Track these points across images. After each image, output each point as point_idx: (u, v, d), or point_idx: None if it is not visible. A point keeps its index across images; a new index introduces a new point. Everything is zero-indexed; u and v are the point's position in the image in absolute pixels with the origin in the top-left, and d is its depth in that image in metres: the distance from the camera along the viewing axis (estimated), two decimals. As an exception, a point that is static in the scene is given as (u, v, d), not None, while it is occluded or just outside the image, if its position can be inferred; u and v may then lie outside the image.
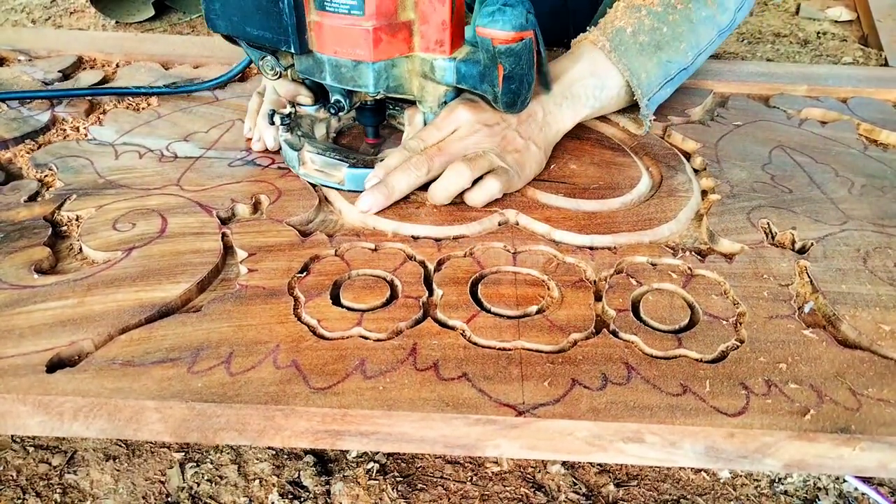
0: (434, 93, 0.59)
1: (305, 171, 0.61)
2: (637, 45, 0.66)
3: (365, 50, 0.53)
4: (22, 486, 0.76)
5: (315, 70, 0.57)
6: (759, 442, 0.40)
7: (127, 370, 0.43)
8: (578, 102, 0.66)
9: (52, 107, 0.75)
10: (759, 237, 0.56)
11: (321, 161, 0.61)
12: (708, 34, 0.70)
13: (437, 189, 0.57)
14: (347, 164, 0.59)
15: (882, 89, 0.84)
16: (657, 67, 0.67)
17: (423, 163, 0.57)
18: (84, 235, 0.55)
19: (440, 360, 0.44)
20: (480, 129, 0.59)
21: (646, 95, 0.67)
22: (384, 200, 0.56)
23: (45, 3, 2.07)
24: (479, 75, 0.55)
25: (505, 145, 0.60)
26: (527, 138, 0.61)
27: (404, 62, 0.56)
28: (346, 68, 0.55)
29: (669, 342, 0.46)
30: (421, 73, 0.57)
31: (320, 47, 0.55)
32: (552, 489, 0.77)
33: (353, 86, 0.56)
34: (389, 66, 0.55)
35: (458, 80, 0.56)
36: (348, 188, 0.59)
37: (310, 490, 0.76)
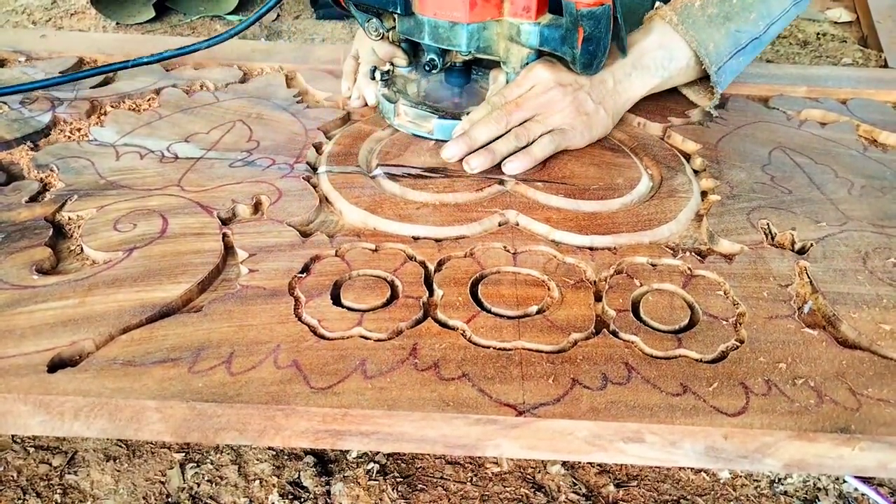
0: (518, 54, 0.66)
1: (399, 122, 0.70)
2: (705, 17, 0.69)
3: (461, 12, 0.60)
4: (22, 487, 0.76)
5: (415, 30, 0.65)
6: (759, 442, 0.40)
7: (128, 370, 0.43)
8: (647, 73, 0.70)
9: (53, 107, 0.75)
10: (759, 238, 0.57)
11: (413, 113, 0.69)
12: (780, 4, 0.72)
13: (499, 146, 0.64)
14: (437, 115, 0.68)
15: (881, 90, 0.84)
16: (726, 38, 0.70)
17: (503, 117, 0.64)
18: (85, 236, 0.55)
19: (440, 360, 0.44)
20: (555, 87, 0.65)
21: (715, 64, 0.70)
22: (466, 149, 0.63)
23: (46, 5, 2.07)
24: (560, 38, 0.61)
25: (577, 105, 0.66)
26: (597, 102, 0.67)
27: (494, 25, 0.63)
28: (444, 29, 0.62)
29: (669, 342, 0.46)
30: (507, 36, 0.64)
31: (422, 9, 0.63)
32: (552, 489, 0.77)
33: (448, 45, 0.63)
34: (481, 29, 0.63)
35: (540, 42, 0.63)
36: (436, 137, 0.68)
37: (310, 490, 0.76)
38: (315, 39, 1.75)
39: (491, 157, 0.63)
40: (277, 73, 0.86)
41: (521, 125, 0.65)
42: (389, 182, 0.62)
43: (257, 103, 0.78)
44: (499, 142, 0.64)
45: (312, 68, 0.86)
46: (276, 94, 0.80)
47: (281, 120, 0.74)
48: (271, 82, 0.83)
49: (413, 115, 0.69)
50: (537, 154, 0.64)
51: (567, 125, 0.66)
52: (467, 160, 0.63)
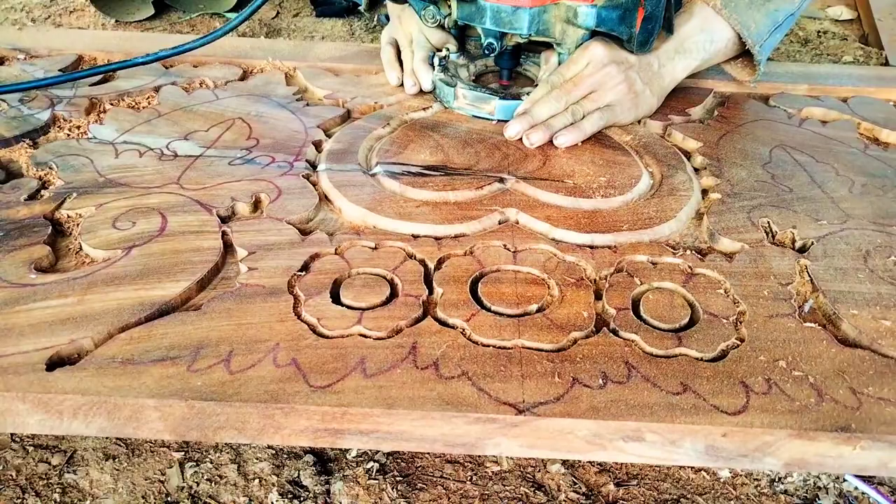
0: (573, 35, 0.69)
1: (459, 105, 0.73)
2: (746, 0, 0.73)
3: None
4: (21, 486, 0.76)
5: (476, 16, 0.67)
6: (759, 441, 0.40)
7: (127, 368, 0.43)
8: (689, 56, 0.74)
9: (52, 105, 0.75)
10: (760, 236, 0.56)
11: (472, 96, 0.72)
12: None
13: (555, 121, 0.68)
14: (498, 96, 0.71)
15: (882, 88, 0.84)
16: (765, 17, 0.74)
17: (562, 95, 0.68)
18: (84, 234, 0.55)
19: (440, 358, 0.44)
20: (609, 64, 0.69)
21: (757, 43, 0.74)
22: (528, 126, 0.67)
23: (45, 2, 2.07)
24: (618, 18, 0.65)
25: (629, 84, 0.70)
26: (645, 83, 0.71)
27: (553, 9, 0.67)
28: (506, 13, 0.65)
29: (669, 341, 0.46)
30: (564, 19, 0.67)
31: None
32: (552, 488, 0.77)
33: (510, 29, 0.66)
34: (541, 12, 0.66)
35: (597, 23, 0.66)
36: (498, 118, 0.71)
37: (309, 489, 0.76)
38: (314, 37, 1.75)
39: (549, 131, 0.67)
40: (277, 71, 0.85)
41: (577, 103, 0.69)
42: (389, 180, 0.62)
43: (257, 101, 0.77)
44: (555, 118, 0.68)
45: (312, 66, 0.86)
46: (275, 92, 0.79)
47: (280, 118, 0.74)
48: (271, 80, 0.83)
49: (472, 97, 0.72)
50: (587, 129, 0.68)
51: (617, 102, 0.70)
52: (527, 135, 0.67)
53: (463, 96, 0.72)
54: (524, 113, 0.68)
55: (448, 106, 0.74)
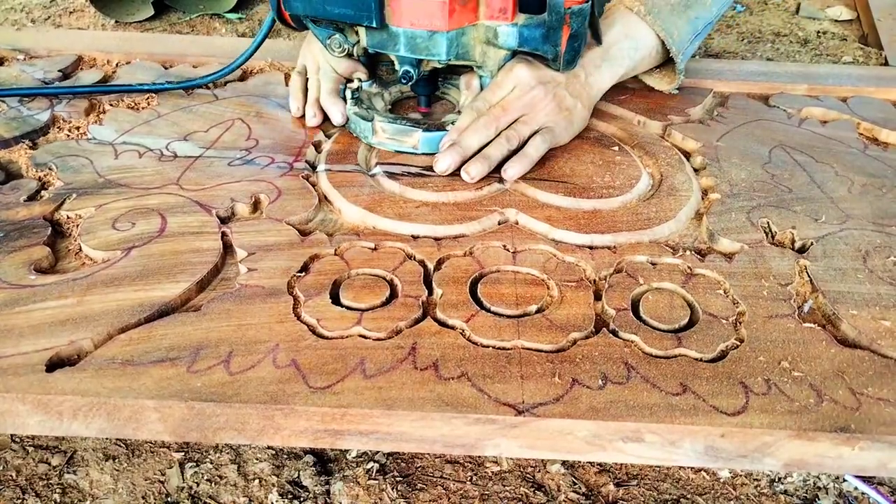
0: (495, 57, 0.64)
1: (378, 140, 0.66)
2: (668, 7, 0.71)
3: (440, 20, 0.58)
4: (21, 486, 0.76)
5: (388, 43, 0.61)
6: (759, 441, 0.40)
7: (126, 369, 0.43)
8: (616, 63, 0.71)
9: (51, 106, 0.75)
10: (759, 236, 0.56)
11: (393, 129, 0.65)
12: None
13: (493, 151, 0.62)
14: (421, 128, 0.65)
15: (882, 88, 0.84)
16: (687, 24, 0.73)
17: (491, 122, 0.63)
18: (83, 235, 0.55)
19: (440, 359, 0.44)
20: (537, 85, 0.64)
21: (680, 51, 0.73)
22: (460, 159, 0.62)
23: (45, 3, 2.07)
24: (541, 37, 0.60)
25: (559, 102, 0.66)
26: (575, 97, 0.67)
27: (472, 30, 0.61)
28: (421, 39, 0.59)
29: (669, 341, 0.46)
30: (484, 40, 0.62)
31: (396, 20, 0.59)
32: (552, 489, 0.77)
33: (427, 55, 0.60)
34: (460, 35, 0.60)
35: (520, 43, 0.61)
36: (422, 151, 0.65)
37: (309, 490, 0.76)
38: (314, 38, 1.75)
39: (487, 163, 0.61)
40: (276, 72, 0.85)
41: (509, 127, 0.64)
42: (389, 181, 0.62)
43: (256, 101, 0.77)
44: (491, 147, 0.62)
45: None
46: (275, 93, 0.79)
47: (280, 118, 0.74)
48: (270, 80, 0.83)
49: (393, 130, 0.65)
50: (533, 155, 0.63)
51: (552, 122, 0.66)
52: (465, 169, 0.61)
53: (382, 130, 0.66)
54: (453, 144, 0.62)
55: (367, 142, 0.67)
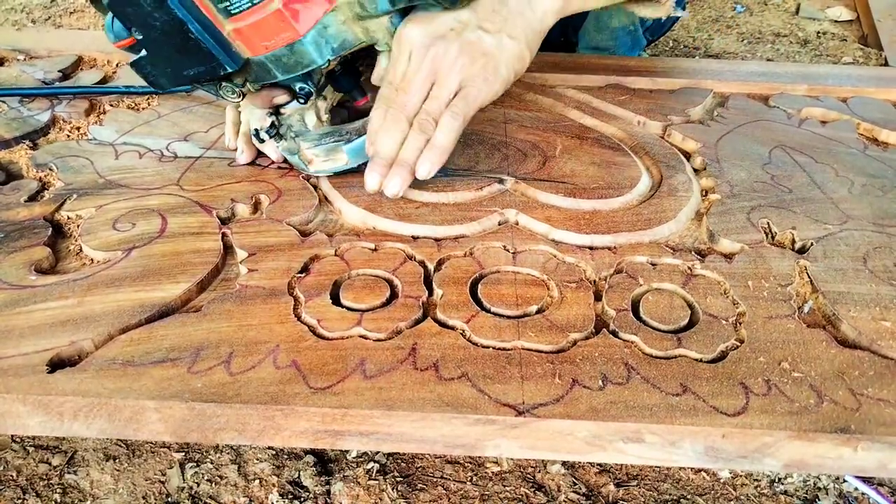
0: (380, 27, 0.54)
1: (316, 169, 0.60)
2: None
3: (289, 30, 0.50)
4: (22, 486, 0.76)
5: (263, 74, 0.54)
6: (759, 442, 0.40)
7: (127, 370, 0.43)
8: None
9: (52, 106, 0.75)
10: (759, 237, 0.56)
11: (321, 150, 0.58)
12: None
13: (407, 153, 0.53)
14: (343, 141, 0.58)
15: (882, 89, 0.84)
16: None
17: (399, 117, 0.53)
18: (84, 235, 0.55)
19: (440, 359, 0.44)
20: (433, 43, 0.52)
21: None
22: (385, 170, 0.53)
23: (45, 3, 2.07)
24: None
25: (469, 51, 0.52)
26: (497, 32, 0.53)
27: (332, 17, 0.51)
28: (286, 56, 0.52)
29: (669, 342, 0.46)
30: (355, 17, 0.52)
31: (253, 51, 0.52)
32: (552, 489, 0.77)
33: (303, 69, 0.53)
34: (322, 30, 0.51)
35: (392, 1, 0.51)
36: (355, 164, 0.58)
37: (310, 490, 0.76)
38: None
39: (406, 169, 0.53)
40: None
41: (418, 115, 0.54)
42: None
43: (257, 102, 0.77)
44: (406, 147, 0.53)
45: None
46: (275, 93, 0.79)
47: (280, 119, 0.74)
48: (271, 81, 0.83)
49: (322, 152, 0.58)
50: (444, 143, 0.53)
51: (466, 81, 0.53)
52: (384, 186, 0.53)
53: (315, 156, 0.58)
54: (374, 157, 0.54)
55: (307, 173, 0.61)
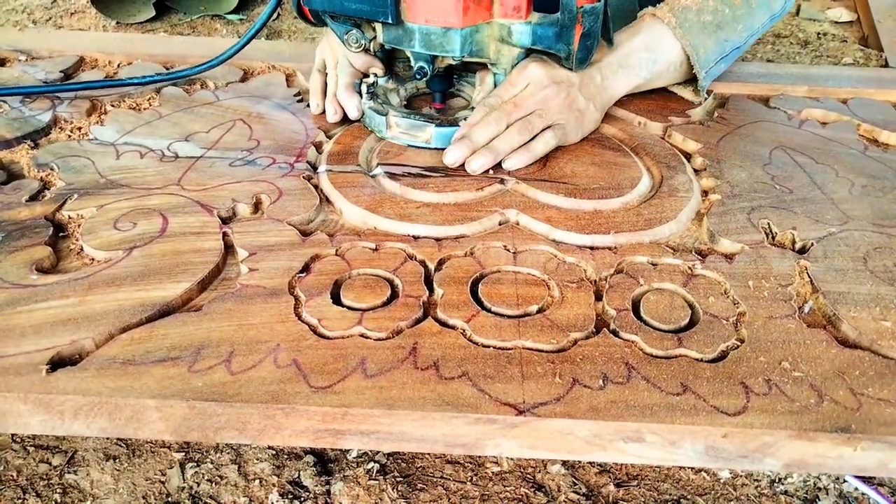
0: (508, 55, 0.65)
1: (392, 135, 0.67)
2: (700, 24, 0.72)
3: (455, 17, 0.59)
4: (22, 486, 0.76)
5: (404, 39, 0.62)
6: (759, 441, 0.40)
7: (128, 369, 0.43)
8: (632, 71, 0.72)
9: (53, 106, 0.75)
10: (760, 237, 0.56)
11: (406, 124, 0.66)
12: (762, 18, 0.77)
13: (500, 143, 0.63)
14: (434, 123, 0.65)
15: (882, 90, 0.84)
16: (715, 45, 0.73)
17: (502, 117, 0.63)
18: (85, 235, 0.55)
19: (440, 359, 0.44)
20: (550, 84, 0.65)
21: (703, 69, 0.73)
22: (468, 152, 0.62)
23: (46, 4, 2.07)
24: (554, 35, 0.61)
25: (570, 102, 0.66)
26: (588, 98, 0.68)
27: (485, 28, 0.62)
28: (436, 35, 0.61)
29: (670, 342, 0.46)
30: (498, 38, 0.63)
31: (412, 17, 0.61)
32: (552, 489, 0.77)
33: (441, 52, 0.62)
34: (474, 32, 0.62)
35: (533, 41, 0.62)
36: (435, 146, 0.66)
37: (310, 490, 0.76)
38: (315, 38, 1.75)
39: (493, 155, 0.62)
40: (278, 73, 0.85)
41: (522, 119, 0.64)
42: (389, 181, 0.62)
43: (257, 102, 0.78)
44: (500, 139, 0.63)
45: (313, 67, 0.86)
46: (276, 94, 0.80)
47: (281, 119, 0.74)
48: (271, 81, 0.83)
49: (406, 125, 0.67)
50: (538, 150, 0.64)
51: (563, 120, 0.66)
52: (469, 161, 0.62)
53: (396, 125, 0.67)
54: (463, 137, 0.63)
55: (381, 136, 0.69)
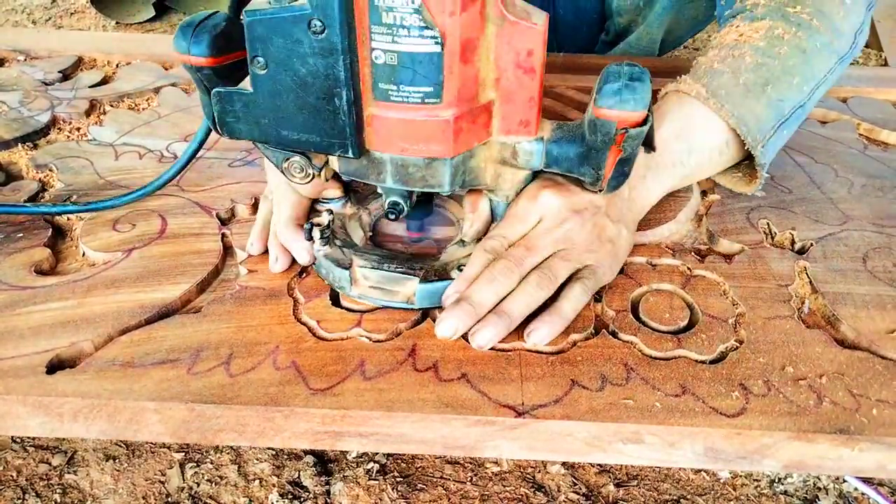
0: (512, 179, 0.49)
1: (360, 292, 0.49)
2: (741, 87, 0.55)
3: (442, 144, 0.42)
4: (22, 487, 0.76)
5: (369, 171, 0.45)
6: (759, 443, 0.40)
7: (127, 371, 0.43)
8: (664, 172, 0.55)
9: (52, 107, 0.75)
10: (759, 237, 0.56)
11: (378, 276, 0.49)
12: (826, 63, 0.58)
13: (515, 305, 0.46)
14: (417, 277, 0.48)
15: (882, 89, 0.84)
16: (767, 108, 0.55)
17: (512, 269, 0.46)
18: (84, 236, 0.55)
19: (439, 360, 0.44)
20: (569, 216, 0.49)
21: (759, 142, 0.55)
22: (470, 321, 0.45)
23: (46, 4, 2.07)
24: (577, 157, 0.45)
25: (598, 234, 0.50)
26: (617, 221, 0.52)
27: (482, 150, 0.45)
28: (416, 167, 0.44)
29: (669, 343, 0.46)
30: (498, 160, 0.47)
31: (382, 146, 0.43)
32: (552, 489, 0.77)
33: (423, 186, 0.45)
34: (467, 158, 0.45)
35: (548, 163, 0.46)
36: (420, 306, 0.48)
37: (310, 490, 0.77)
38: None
39: (505, 323, 0.45)
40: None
41: (539, 266, 0.48)
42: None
43: (256, 103, 0.77)
44: (513, 299, 0.46)
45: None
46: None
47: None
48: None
49: (378, 278, 0.49)
50: (569, 313, 0.47)
51: (593, 260, 0.49)
52: (474, 333, 0.44)
53: (364, 278, 0.49)
54: (460, 300, 0.45)
55: (345, 293, 0.50)
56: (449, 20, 0.38)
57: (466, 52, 0.40)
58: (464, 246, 0.51)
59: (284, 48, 0.39)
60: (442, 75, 0.39)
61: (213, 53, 0.43)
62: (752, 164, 0.57)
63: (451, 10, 0.37)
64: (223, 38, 0.43)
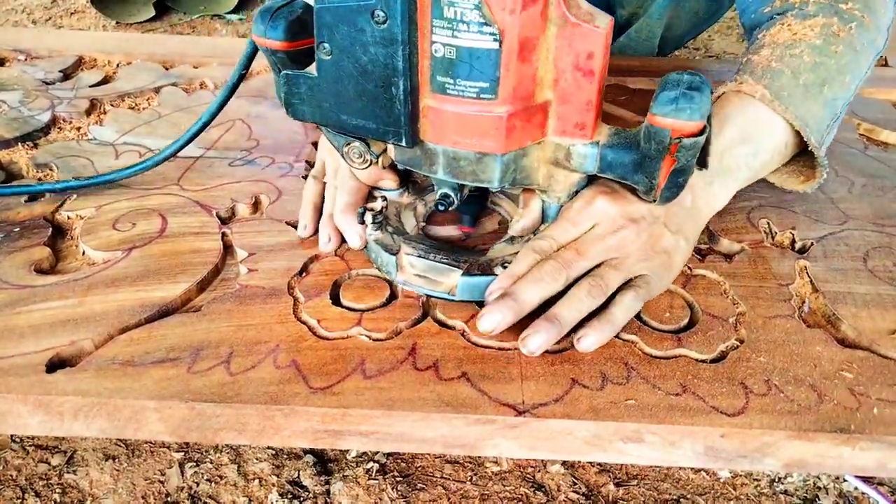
0: (565, 181, 0.48)
1: (405, 279, 0.50)
2: (801, 88, 0.54)
3: (494, 140, 0.43)
4: (21, 486, 0.76)
5: (423, 161, 0.46)
6: (759, 442, 0.40)
7: (127, 370, 0.43)
8: (730, 176, 0.54)
9: (52, 106, 0.75)
10: (759, 237, 0.56)
11: (423, 265, 0.50)
12: (868, 60, 0.59)
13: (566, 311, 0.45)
14: (460, 269, 0.49)
15: (882, 89, 0.84)
16: (824, 108, 0.55)
17: (560, 271, 0.46)
18: (84, 235, 0.55)
19: (440, 359, 0.44)
20: (625, 224, 0.48)
21: (820, 143, 0.55)
22: (513, 317, 0.44)
23: (46, 4, 2.07)
24: (632, 164, 0.44)
25: (653, 244, 0.48)
26: (676, 232, 0.50)
27: (535, 150, 0.45)
28: (467, 161, 0.44)
29: (669, 342, 0.46)
30: (552, 160, 0.46)
31: (435, 137, 0.44)
32: (552, 489, 0.77)
33: (473, 180, 0.45)
34: (519, 156, 0.45)
35: (601, 168, 0.45)
36: (461, 298, 0.49)
37: (309, 490, 0.76)
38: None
39: (556, 329, 0.44)
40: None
41: (589, 274, 0.47)
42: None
43: (257, 102, 0.78)
44: (565, 305, 0.45)
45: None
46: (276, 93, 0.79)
47: (281, 119, 0.74)
48: (271, 81, 0.83)
49: (423, 267, 0.50)
50: (620, 320, 0.45)
51: (646, 270, 0.48)
52: (524, 338, 0.44)
53: (410, 266, 0.50)
54: (504, 295, 0.45)
55: (391, 278, 0.51)
56: (508, 18, 0.38)
57: (524, 51, 0.40)
58: (511, 244, 0.52)
59: (348, 36, 0.41)
60: (498, 72, 0.40)
61: (287, 38, 0.45)
62: (802, 161, 0.59)
63: (511, 8, 0.38)
64: (298, 24, 0.45)
